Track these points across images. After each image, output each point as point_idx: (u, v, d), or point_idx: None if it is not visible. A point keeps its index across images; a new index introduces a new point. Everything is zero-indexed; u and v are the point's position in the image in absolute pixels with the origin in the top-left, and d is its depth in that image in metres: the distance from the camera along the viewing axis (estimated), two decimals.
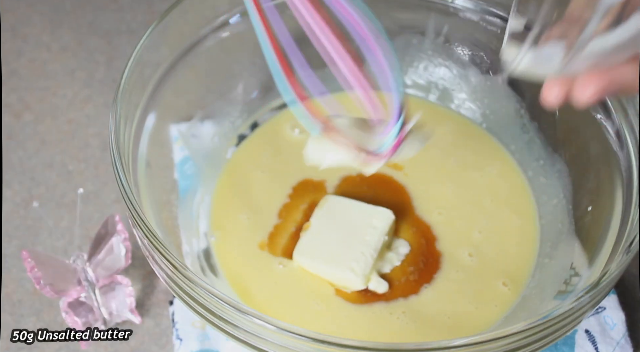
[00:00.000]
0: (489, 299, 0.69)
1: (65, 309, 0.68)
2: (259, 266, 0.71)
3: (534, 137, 0.78)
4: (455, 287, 0.70)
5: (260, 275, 0.70)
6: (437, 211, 0.75)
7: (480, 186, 0.76)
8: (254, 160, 0.78)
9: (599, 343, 0.68)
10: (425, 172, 0.77)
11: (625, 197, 0.64)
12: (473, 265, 0.71)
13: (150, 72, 0.70)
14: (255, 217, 0.74)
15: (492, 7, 0.76)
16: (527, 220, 0.74)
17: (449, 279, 0.70)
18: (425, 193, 0.76)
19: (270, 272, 0.70)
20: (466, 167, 0.78)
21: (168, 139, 0.77)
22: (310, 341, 0.53)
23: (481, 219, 0.74)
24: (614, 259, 0.59)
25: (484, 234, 0.73)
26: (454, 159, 0.78)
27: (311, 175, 0.77)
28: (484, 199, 0.76)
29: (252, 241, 0.73)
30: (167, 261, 0.57)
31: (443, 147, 0.79)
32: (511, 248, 0.72)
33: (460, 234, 0.73)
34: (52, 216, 0.79)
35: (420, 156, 0.78)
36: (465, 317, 0.68)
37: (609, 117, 0.68)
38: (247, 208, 0.75)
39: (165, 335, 0.72)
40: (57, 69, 0.91)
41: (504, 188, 0.76)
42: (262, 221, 0.74)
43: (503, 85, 0.79)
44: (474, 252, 0.72)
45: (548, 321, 0.54)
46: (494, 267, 0.71)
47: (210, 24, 0.75)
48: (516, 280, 0.70)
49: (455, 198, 0.76)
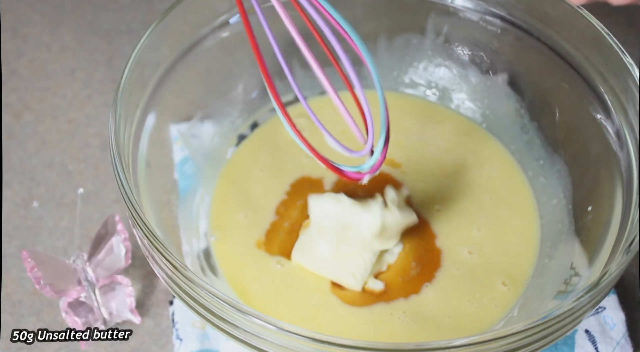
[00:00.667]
0: (489, 299, 0.69)
1: (65, 309, 0.68)
2: (258, 265, 0.71)
3: (533, 137, 0.78)
4: (456, 286, 0.70)
5: (260, 275, 0.70)
6: (436, 207, 0.75)
7: (479, 183, 0.76)
8: (254, 160, 0.78)
9: (599, 343, 0.68)
10: (423, 169, 0.77)
11: (625, 197, 0.64)
12: (473, 262, 0.71)
13: (150, 72, 0.70)
14: (253, 216, 0.74)
15: (492, 7, 0.76)
16: (527, 219, 0.74)
17: (449, 276, 0.70)
18: (423, 190, 0.76)
19: (269, 272, 0.70)
20: (465, 165, 0.78)
21: (168, 139, 0.77)
22: (310, 341, 0.53)
23: (480, 216, 0.74)
24: (614, 259, 0.59)
25: (483, 231, 0.73)
26: (452, 157, 0.78)
27: (309, 172, 0.77)
28: (482, 197, 0.76)
29: (251, 240, 0.73)
30: (167, 261, 0.57)
31: (442, 146, 0.79)
32: (511, 247, 0.72)
33: (459, 231, 0.73)
34: (52, 216, 0.79)
35: (419, 154, 0.78)
36: (466, 317, 0.68)
37: (609, 117, 0.68)
38: (246, 207, 0.75)
39: (165, 335, 0.72)
40: (57, 69, 0.91)
41: (503, 187, 0.76)
42: (260, 220, 0.74)
43: (503, 85, 0.79)
44: (474, 250, 0.72)
45: (548, 321, 0.54)
46: (493, 265, 0.71)
47: (210, 24, 0.75)
48: (516, 280, 0.70)
49: (453, 195, 0.76)
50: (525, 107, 0.78)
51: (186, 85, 0.75)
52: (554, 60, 0.73)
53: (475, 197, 0.76)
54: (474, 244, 0.72)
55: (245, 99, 0.81)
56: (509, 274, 0.71)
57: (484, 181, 0.77)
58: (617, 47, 0.67)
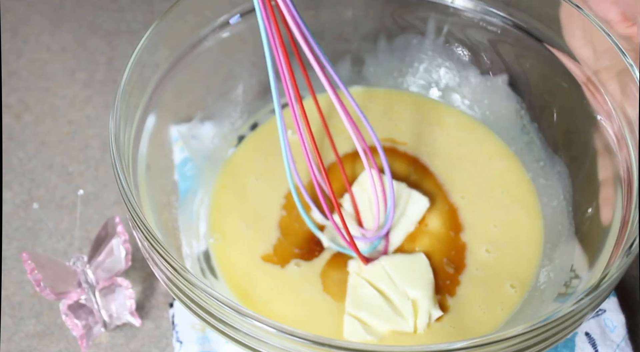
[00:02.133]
0: (497, 302, 0.69)
1: (65, 312, 0.68)
2: (257, 267, 0.71)
3: (534, 138, 0.77)
4: (475, 292, 0.69)
5: (259, 277, 0.70)
6: (460, 195, 0.75)
7: (490, 177, 0.76)
8: (254, 161, 0.78)
9: (599, 346, 0.68)
10: (438, 155, 0.78)
11: (625, 198, 0.64)
12: (490, 262, 0.71)
13: (150, 73, 0.70)
14: (254, 217, 0.74)
15: (492, 7, 0.76)
16: (533, 218, 0.74)
17: (471, 280, 0.70)
18: (448, 176, 0.76)
19: (269, 275, 0.70)
20: (474, 157, 0.78)
21: (168, 140, 0.77)
22: (311, 344, 0.53)
23: (496, 211, 0.74)
24: (614, 261, 0.59)
25: (499, 228, 0.73)
26: (459, 150, 0.78)
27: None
28: (495, 191, 0.75)
29: (251, 243, 0.72)
30: (167, 263, 0.57)
31: (447, 141, 0.79)
32: (520, 247, 0.72)
33: (480, 226, 0.73)
34: (52, 218, 0.79)
35: (429, 141, 0.78)
36: (472, 320, 0.68)
37: (609, 117, 0.68)
38: (246, 208, 0.75)
39: (165, 337, 0.72)
40: (57, 69, 0.91)
41: (512, 183, 0.76)
42: (262, 221, 0.74)
43: (503, 86, 0.79)
44: (491, 248, 0.71)
45: (548, 323, 0.54)
46: (505, 266, 0.71)
47: (210, 24, 0.75)
48: (524, 282, 0.70)
49: (472, 185, 0.76)
50: (526, 108, 0.78)
51: (186, 86, 0.75)
52: (554, 61, 0.73)
53: (489, 189, 0.75)
54: (492, 242, 0.72)
55: (245, 100, 0.80)
56: (517, 275, 0.70)
57: (493, 174, 0.76)
58: (617, 47, 0.67)
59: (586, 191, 0.72)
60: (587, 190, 0.72)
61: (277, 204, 0.75)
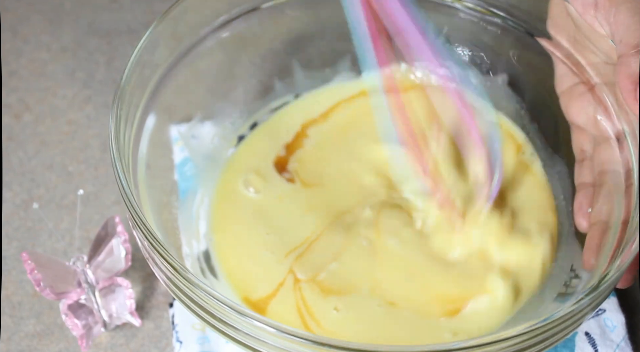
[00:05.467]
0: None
1: (65, 311, 0.68)
2: (258, 267, 0.71)
3: (534, 138, 0.77)
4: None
5: (260, 277, 0.70)
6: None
7: (504, 169, 0.75)
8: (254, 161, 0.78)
9: (599, 346, 0.68)
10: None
11: (625, 199, 0.64)
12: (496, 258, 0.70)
13: (150, 73, 0.70)
14: (254, 217, 0.74)
15: (492, 7, 0.76)
16: (545, 215, 0.73)
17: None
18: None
19: (270, 275, 0.70)
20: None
21: (168, 140, 0.77)
22: (311, 344, 0.53)
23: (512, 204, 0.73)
24: (614, 261, 0.59)
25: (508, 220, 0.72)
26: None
27: None
28: (504, 180, 0.73)
29: (252, 241, 0.72)
30: (167, 263, 0.57)
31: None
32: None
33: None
34: (52, 218, 0.79)
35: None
36: (471, 319, 0.68)
37: (609, 117, 0.68)
38: (246, 208, 0.74)
39: (165, 337, 0.72)
40: (57, 69, 0.91)
41: (519, 174, 0.75)
42: (261, 221, 0.74)
43: (503, 86, 0.79)
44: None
45: (548, 323, 0.54)
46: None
47: (210, 24, 0.75)
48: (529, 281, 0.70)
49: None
50: (526, 108, 0.78)
51: (186, 86, 0.75)
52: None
53: (505, 181, 0.73)
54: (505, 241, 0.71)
55: (245, 100, 0.80)
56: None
57: (506, 168, 0.75)
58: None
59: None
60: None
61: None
